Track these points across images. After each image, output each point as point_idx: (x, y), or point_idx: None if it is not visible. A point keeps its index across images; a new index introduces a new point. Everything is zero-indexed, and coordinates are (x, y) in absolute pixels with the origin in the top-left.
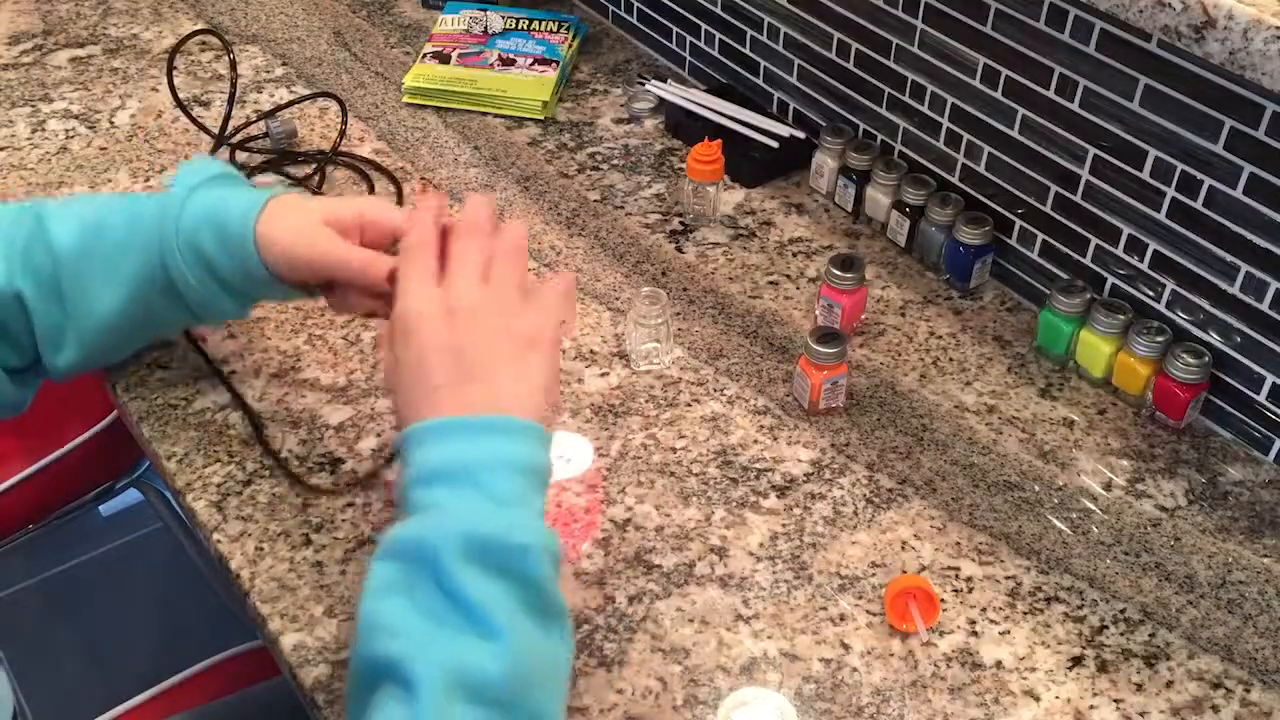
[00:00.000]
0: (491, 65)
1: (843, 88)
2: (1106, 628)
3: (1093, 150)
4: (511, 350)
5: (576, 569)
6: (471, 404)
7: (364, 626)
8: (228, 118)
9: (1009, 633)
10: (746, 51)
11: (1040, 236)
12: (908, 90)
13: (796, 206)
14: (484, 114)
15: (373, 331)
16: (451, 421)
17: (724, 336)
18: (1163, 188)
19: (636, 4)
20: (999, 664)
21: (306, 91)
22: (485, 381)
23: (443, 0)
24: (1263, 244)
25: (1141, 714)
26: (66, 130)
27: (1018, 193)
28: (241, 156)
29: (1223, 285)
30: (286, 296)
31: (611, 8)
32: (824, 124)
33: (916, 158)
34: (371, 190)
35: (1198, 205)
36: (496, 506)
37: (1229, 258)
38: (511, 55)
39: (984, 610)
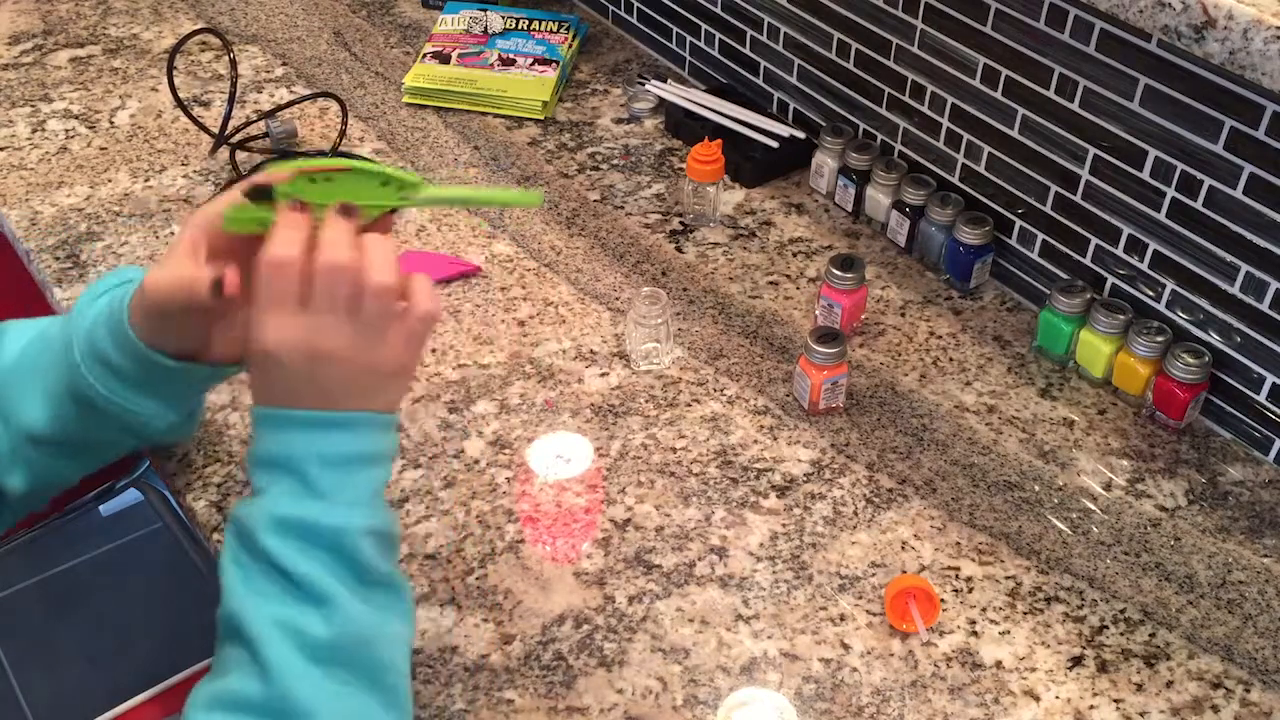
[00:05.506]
0: (491, 65)
1: (843, 88)
2: (1106, 628)
3: (1093, 150)
4: (374, 383)
5: (576, 569)
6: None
7: (221, 584)
8: (228, 118)
9: (1009, 633)
10: (746, 51)
11: (1040, 236)
12: (908, 90)
13: (796, 206)
14: (484, 114)
15: None
16: (286, 414)
17: (724, 336)
18: (1163, 188)
19: (636, 4)
20: (999, 664)
21: (306, 91)
22: (343, 406)
23: (443, 0)
24: (1263, 244)
25: (1141, 714)
26: (66, 130)
27: (1018, 193)
28: (241, 156)
29: (1223, 285)
30: (200, 382)
31: (611, 8)
32: (824, 124)
33: (916, 158)
34: None
35: (1198, 205)
36: (311, 495)
37: (1229, 258)
38: (511, 55)
39: (984, 610)
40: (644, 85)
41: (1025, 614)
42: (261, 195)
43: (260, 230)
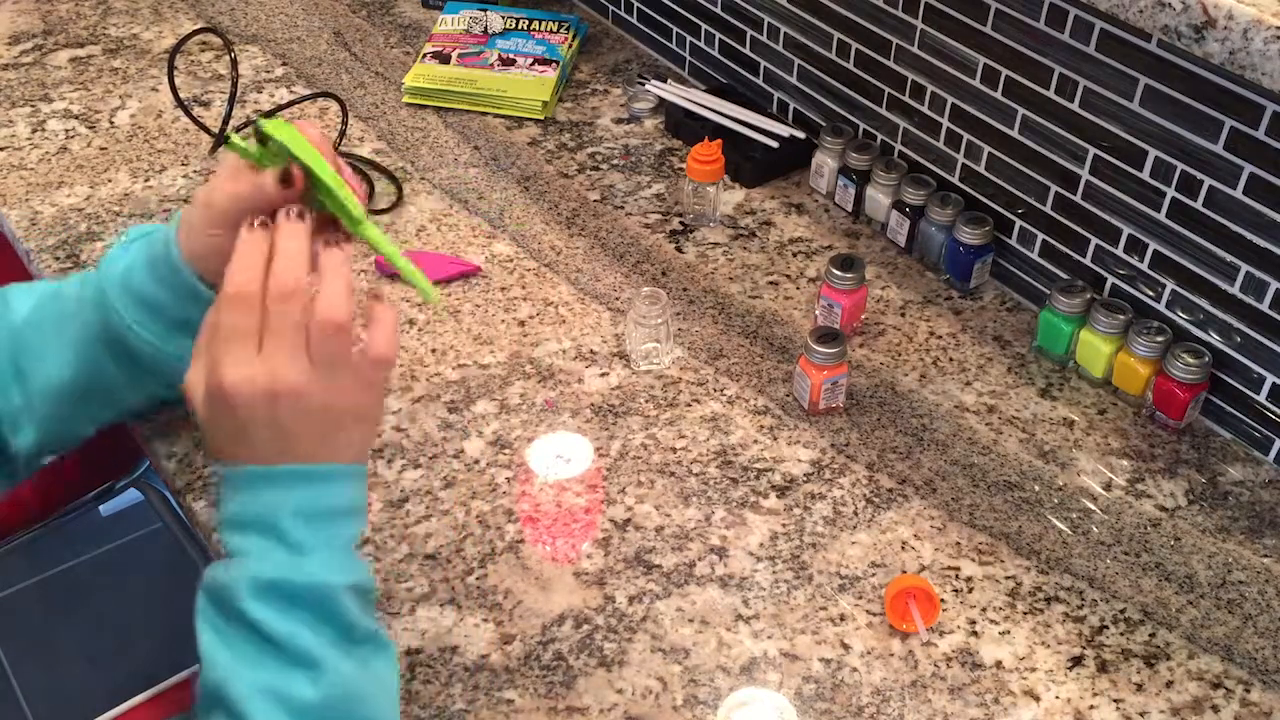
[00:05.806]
0: (491, 65)
1: (843, 88)
2: (1106, 628)
3: (1093, 150)
4: (335, 426)
5: (576, 569)
6: (284, 461)
7: (200, 652)
8: (228, 118)
9: (1009, 633)
10: (746, 51)
11: (1040, 236)
12: (908, 90)
13: (796, 206)
14: (484, 114)
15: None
16: (256, 471)
17: (724, 336)
18: (1163, 188)
19: (636, 4)
20: (999, 664)
21: (306, 91)
22: (304, 454)
23: (443, 0)
24: (1263, 244)
25: (1141, 714)
26: (66, 130)
27: (1018, 193)
28: None
29: (1223, 285)
30: None
31: (611, 8)
32: (824, 124)
33: (916, 158)
34: (371, 190)
35: (1198, 205)
36: (291, 553)
37: (1229, 258)
38: (511, 55)
39: (984, 610)
40: (644, 85)
41: (1025, 614)
42: (258, 137)
43: (253, 161)
